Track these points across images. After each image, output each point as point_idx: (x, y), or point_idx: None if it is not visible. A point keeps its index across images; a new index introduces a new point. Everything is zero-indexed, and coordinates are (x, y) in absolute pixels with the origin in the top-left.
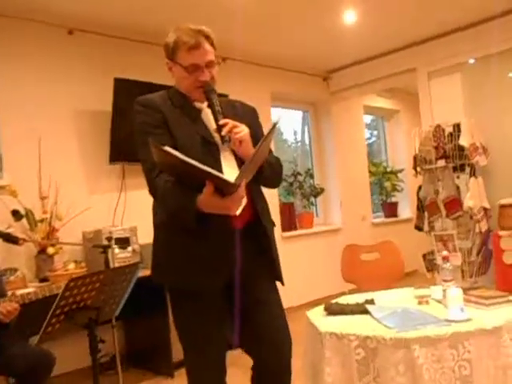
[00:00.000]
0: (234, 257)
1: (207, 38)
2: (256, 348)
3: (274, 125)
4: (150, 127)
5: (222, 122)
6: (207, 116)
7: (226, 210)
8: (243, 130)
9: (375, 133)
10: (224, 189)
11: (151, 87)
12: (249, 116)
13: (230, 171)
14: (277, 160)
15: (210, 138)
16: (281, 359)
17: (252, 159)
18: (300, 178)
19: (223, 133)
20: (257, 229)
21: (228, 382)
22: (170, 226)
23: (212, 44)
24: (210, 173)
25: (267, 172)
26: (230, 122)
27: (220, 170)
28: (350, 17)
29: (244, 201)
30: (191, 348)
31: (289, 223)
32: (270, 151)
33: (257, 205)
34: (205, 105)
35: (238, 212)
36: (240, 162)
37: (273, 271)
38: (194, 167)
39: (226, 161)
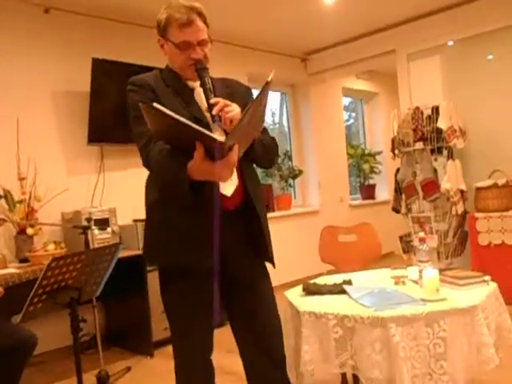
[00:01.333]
0: (225, 238)
1: (200, 14)
2: (246, 343)
3: (267, 83)
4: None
5: (212, 100)
6: (200, 95)
7: (216, 175)
8: (234, 110)
9: (353, 115)
10: (214, 151)
11: (130, 68)
12: (242, 95)
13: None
14: (272, 139)
15: (202, 117)
16: (274, 365)
17: (242, 120)
18: (278, 160)
19: (214, 112)
20: (249, 211)
21: None
22: (163, 204)
23: (205, 21)
24: (199, 131)
25: (259, 150)
26: (221, 101)
27: None
28: None
29: (235, 181)
30: (179, 327)
31: (267, 205)
32: (266, 130)
33: (249, 187)
34: (197, 84)
35: (229, 193)
36: None
37: (264, 253)
38: (184, 125)
39: None
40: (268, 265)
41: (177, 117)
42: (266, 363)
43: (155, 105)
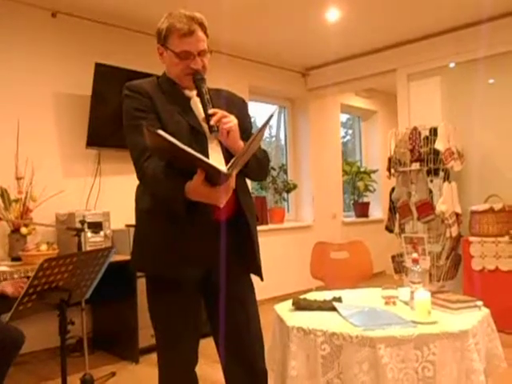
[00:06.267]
0: (214, 249)
1: (201, 25)
2: (228, 355)
3: (269, 118)
4: (138, 112)
5: (211, 111)
6: (196, 105)
7: (214, 199)
8: (232, 121)
9: (350, 132)
10: (215, 178)
11: (132, 74)
12: (237, 107)
13: (216, 163)
14: (264, 153)
15: (198, 127)
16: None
17: (245, 151)
18: (274, 173)
19: (212, 122)
20: (240, 222)
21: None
22: (154, 213)
23: (205, 32)
24: (203, 161)
25: (253, 165)
26: (219, 112)
27: None
28: (333, 14)
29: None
30: (163, 336)
31: (260, 217)
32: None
33: (241, 198)
34: (194, 93)
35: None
36: (227, 153)
37: (253, 266)
38: (188, 154)
39: (213, 152)
40: (255, 278)
41: (184, 147)
42: (246, 376)
43: (161, 132)
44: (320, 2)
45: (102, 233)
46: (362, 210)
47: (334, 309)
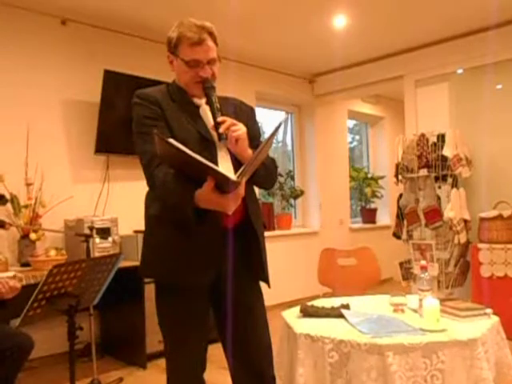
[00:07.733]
0: (222, 256)
1: (211, 34)
2: (236, 362)
3: (278, 126)
4: (148, 120)
5: (220, 119)
6: (205, 113)
7: (223, 207)
8: (240, 129)
9: (357, 138)
10: (224, 186)
11: (141, 81)
12: (246, 115)
13: (225, 170)
14: (272, 161)
15: (207, 135)
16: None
17: (254, 159)
18: (281, 180)
19: (221, 130)
20: (247, 230)
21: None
22: (163, 219)
23: (215, 41)
24: (212, 168)
25: (262, 173)
26: (228, 120)
27: None
28: (340, 21)
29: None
30: (172, 342)
31: (267, 224)
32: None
33: (249, 206)
34: (203, 101)
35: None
36: (236, 161)
37: (260, 273)
38: (197, 162)
39: (222, 160)
40: (262, 284)
41: (193, 155)
42: (254, 383)
43: (171, 141)
44: (327, 8)
45: (110, 239)
46: (369, 216)
47: (341, 316)
